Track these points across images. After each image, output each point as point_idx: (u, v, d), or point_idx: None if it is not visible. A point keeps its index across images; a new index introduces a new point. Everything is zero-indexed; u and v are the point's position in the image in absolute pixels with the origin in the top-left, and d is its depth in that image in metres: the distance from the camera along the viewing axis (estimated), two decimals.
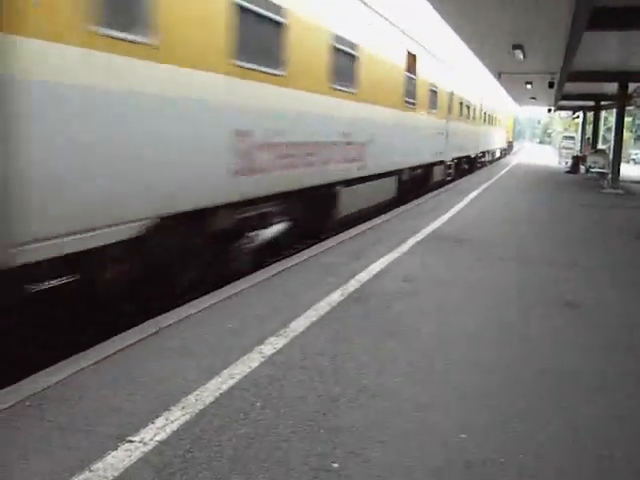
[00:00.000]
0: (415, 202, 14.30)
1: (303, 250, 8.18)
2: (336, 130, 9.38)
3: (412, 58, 13.88)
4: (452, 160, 20.78)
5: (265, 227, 7.45)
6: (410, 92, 13.95)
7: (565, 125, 72.06)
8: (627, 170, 29.38)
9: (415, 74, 14.31)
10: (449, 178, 20.41)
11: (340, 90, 9.31)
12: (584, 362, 4.51)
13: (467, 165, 25.40)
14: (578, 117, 45.59)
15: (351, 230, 9.95)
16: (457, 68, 20.69)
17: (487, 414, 3.58)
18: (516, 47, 16.65)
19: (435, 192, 16.90)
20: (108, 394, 3.65)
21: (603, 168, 24.61)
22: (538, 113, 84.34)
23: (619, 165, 21.38)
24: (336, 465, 2.97)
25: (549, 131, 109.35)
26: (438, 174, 18.42)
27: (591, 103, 32.19)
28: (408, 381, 4.00)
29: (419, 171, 15.90)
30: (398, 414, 3.53)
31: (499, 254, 8.35)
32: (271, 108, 7.17)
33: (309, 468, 2.93)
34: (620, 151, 21.99)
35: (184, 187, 5.54)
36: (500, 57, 19.22)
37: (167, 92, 5.24)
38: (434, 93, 16.74)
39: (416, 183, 15.70)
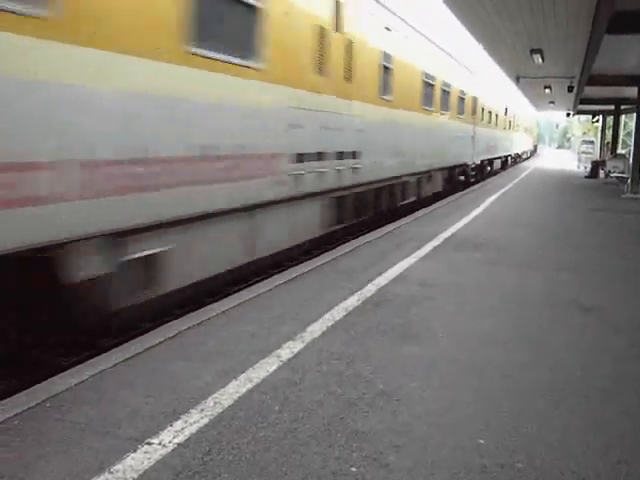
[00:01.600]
0: (435, 205, 14.28)
1: (320, 255, 8.18)
2: (494, 139, 28.27)
3: (505, 108, 32.42)
4: (513, 154, 40.11)
5: (492, 165, 28.73)
6: (505, 122, 33.03)
7: (584, 129, 71.42)
8: None
9: (506, 115, 33.19)
10: (511, 164, 39.22)
11: (495, 126, 28.69)
12: (596, 362, 4.48)
13: (517, 158, 43.76)
14: (597, 121, 45.21)
15: (369, 234, 9.95)
16: (516, 103, 37.22)
17: (504, 419, 3.56)
18: (535, 51, 16.56)
19: (457, 194, 17.63)
20: (127, 396, 3.68)
21: (623, 173, 24.38)
22: (556, 117, 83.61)
23: (639, 170, 21.14)
24: (354, 469, 2.97)
25: (568, 135, 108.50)
26: (509, 160, 37.62)
27: (611, 107, 31.91)
28: (425, 385, 3.99)
29: (504, 158, 34.01)
30: (415, 418, 3.52)
31: (514, 259, 8.31)
32: (492, 136, 27.83)
33: (327, 472, 2.94)
34: None
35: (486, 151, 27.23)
36: (519, 61, 19.16)
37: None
38: (510, 122, 35.49)
39: (504, 164, 34.12)
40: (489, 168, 27.23)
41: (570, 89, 23.41)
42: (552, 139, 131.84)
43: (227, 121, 6.20)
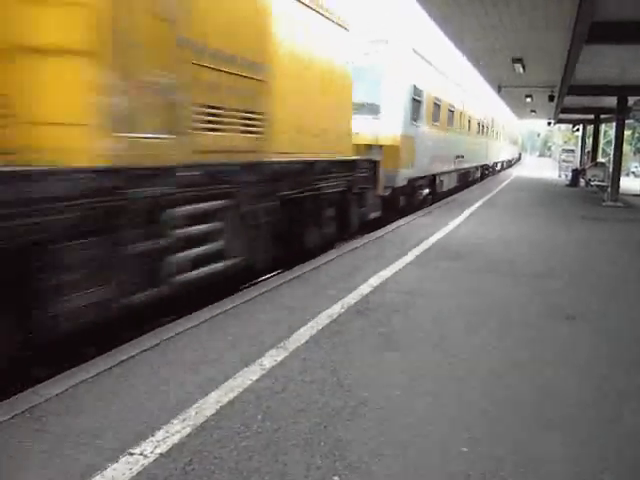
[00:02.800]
0: (415, 215, 14.34)
1: (302, 263, 8.19)
2: (497, 149, 39.53)
3: (502, 126, 41.40)
4: (506, 160, 50.83)
5: (496, 166, 41.89)
6: (503, 136, 43.27)
7: (565, 138, 72.28)
8: (627, 183, 29.45)
9: (503, 130, 42.17)
10: (508, 166, 53.71)
11: (498, 140, 39.14)
12: (588, 370, 4.52)
13: (508, 162, 54.40)
14: (578, 130, 45.75)
15: (352, 243, 9.97)
16: (509, 120, 46.17)
17: (488, 427, 3.58)
18: (516, 61, 16.73)
19: (438, 203, 17.29)
20: (108, 406, 3.65)
21: (603, 181, 24.68)
22: (538, 126, 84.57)
23: (619, 178, 21.43)
24: (337, 478, 2.96)
25: (549, 144, 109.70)
26: (504, 163, 48.72)
27: (591, 116, 32.28)
28: (408, 394, 4.00)
29: (500, 162, 44.72)
30: (399, 427, 3.53)
31: (495, 268, 8.37)
32: (496, 146, 39.55)
33: None
34: (620, 164, 22.04)
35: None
36: (500, 70, 19.33)
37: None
38: (506, 136, 45.52)
39: (501, 165, 46.06)
40: (495, 168, 40.66)
41: (551, 98, 23.65)
42: (534, 147, 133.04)
43: (451, 145, 20.69)
